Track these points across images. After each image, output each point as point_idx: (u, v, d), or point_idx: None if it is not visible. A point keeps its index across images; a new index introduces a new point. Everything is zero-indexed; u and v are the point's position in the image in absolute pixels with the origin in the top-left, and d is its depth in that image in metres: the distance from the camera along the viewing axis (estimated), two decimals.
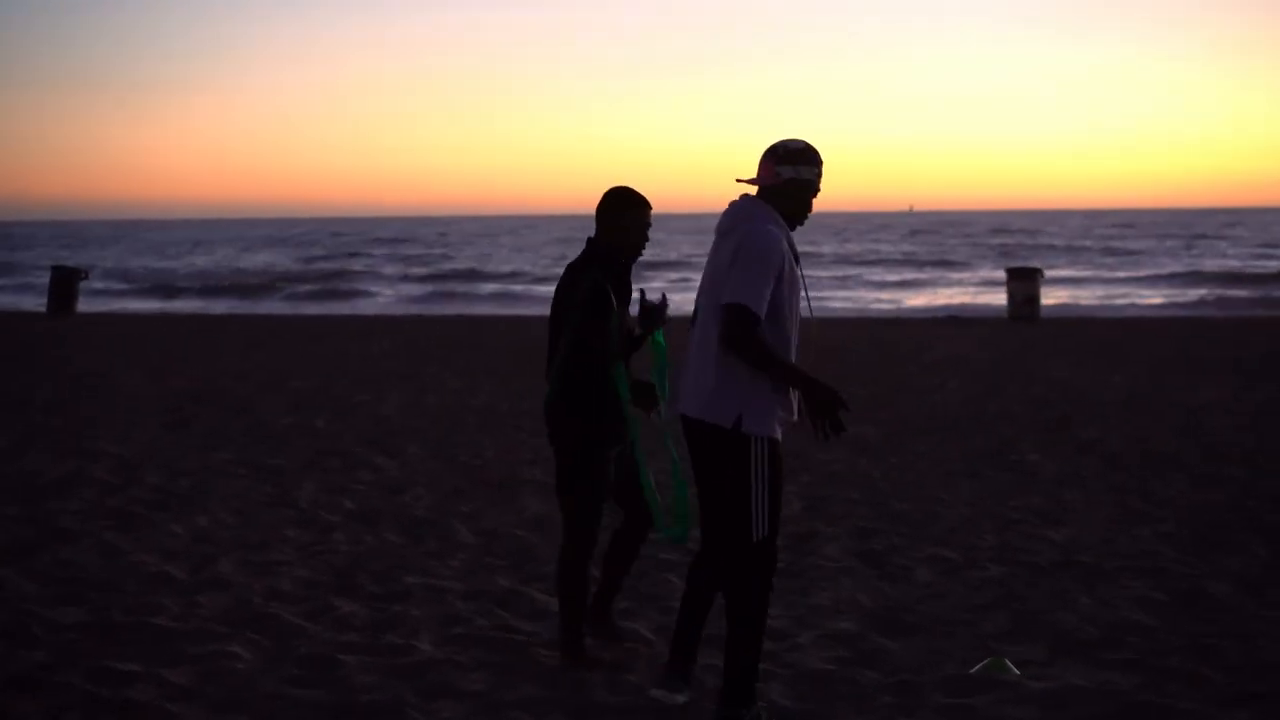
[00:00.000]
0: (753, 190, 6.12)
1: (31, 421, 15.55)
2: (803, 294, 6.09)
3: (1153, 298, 47.38)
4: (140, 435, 14.67)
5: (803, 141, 6.05)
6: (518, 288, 56.26)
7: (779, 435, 6.00)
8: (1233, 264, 64.45)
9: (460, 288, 56.61)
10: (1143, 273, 59.94)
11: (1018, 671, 6.96)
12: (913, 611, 8.10)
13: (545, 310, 42.96)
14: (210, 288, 58.78)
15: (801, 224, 6.13)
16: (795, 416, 6.09)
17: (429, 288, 57.03)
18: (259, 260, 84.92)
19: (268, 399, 17.87)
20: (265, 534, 10.02)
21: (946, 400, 17.61)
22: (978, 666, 7.01)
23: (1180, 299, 45.95)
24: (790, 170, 6.01)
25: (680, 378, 6.14)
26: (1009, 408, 16.79)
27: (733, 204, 6.08)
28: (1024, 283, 34.26)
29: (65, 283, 37.73)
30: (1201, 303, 44.26)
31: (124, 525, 10.25)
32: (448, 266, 72.01)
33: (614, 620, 7.46)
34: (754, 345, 5.80)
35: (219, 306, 47.84)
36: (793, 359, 6.04)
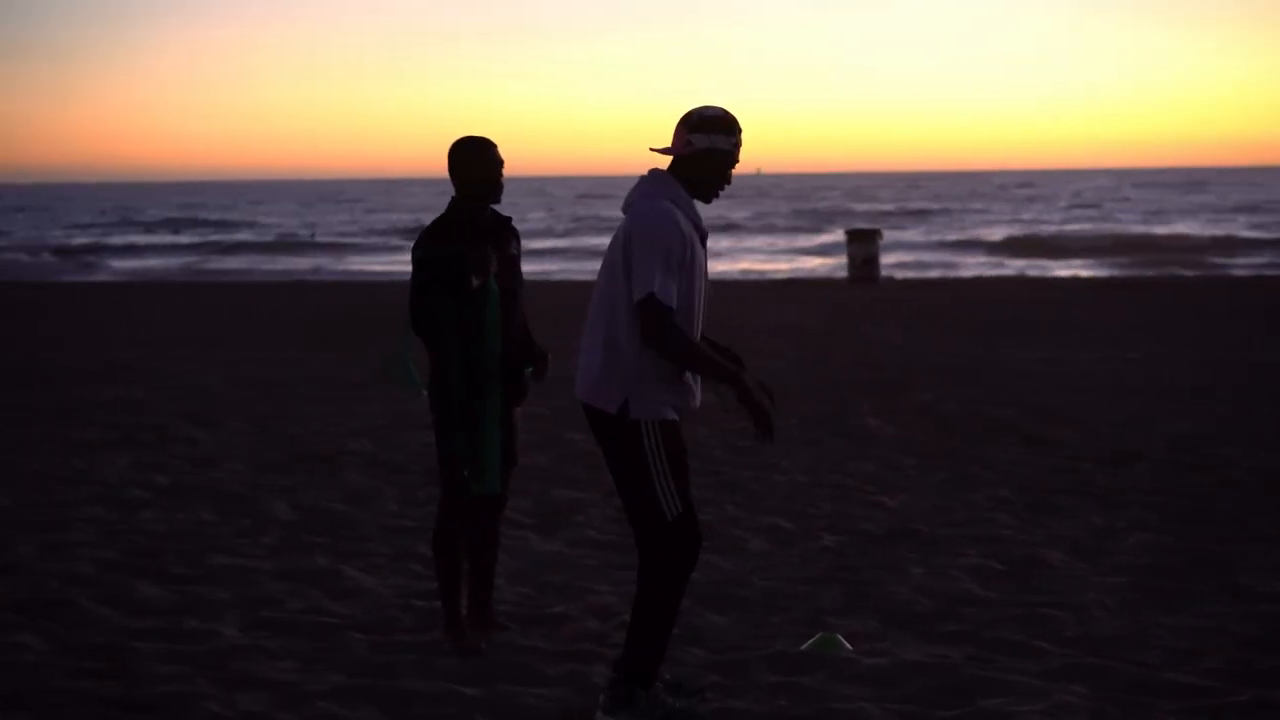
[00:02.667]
0: (665, 160, 5.77)
1: None
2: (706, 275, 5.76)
3: (981, 258, 47.93)
4: None
5: (719, 109, 5.67)
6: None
7: (673, 416, 5.66)
8: (1047, 228, 65.75)
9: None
10: (976, 235, 60.68)
11: (850, 647, 6.73)
12: (745, 585, 7.85)
13: (367, 275, 42.26)
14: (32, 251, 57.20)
15: (716, 197, 5.77)
16: (696, 403, 5.76)
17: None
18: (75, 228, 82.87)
19: (83, 370, 17.18)
20: (68, 513, 9.50)
21: (784, 366, 17.45)
22: (808, 643, 6.76)
23: (1013, 263, 46.53)
24: (703, 139, 5.62)
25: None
26: (847, 372, 16.67)
27: (641, 178, 5.73)
28: (863, 244, 34.36)
29: None
30: (1031, 264, 44.89)
31: None
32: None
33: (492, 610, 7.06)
34: (673, 341, 5.47)
35: (36, 275, 46.39)
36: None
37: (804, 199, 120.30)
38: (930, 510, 9.67)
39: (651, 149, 5.72)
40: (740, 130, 5.70)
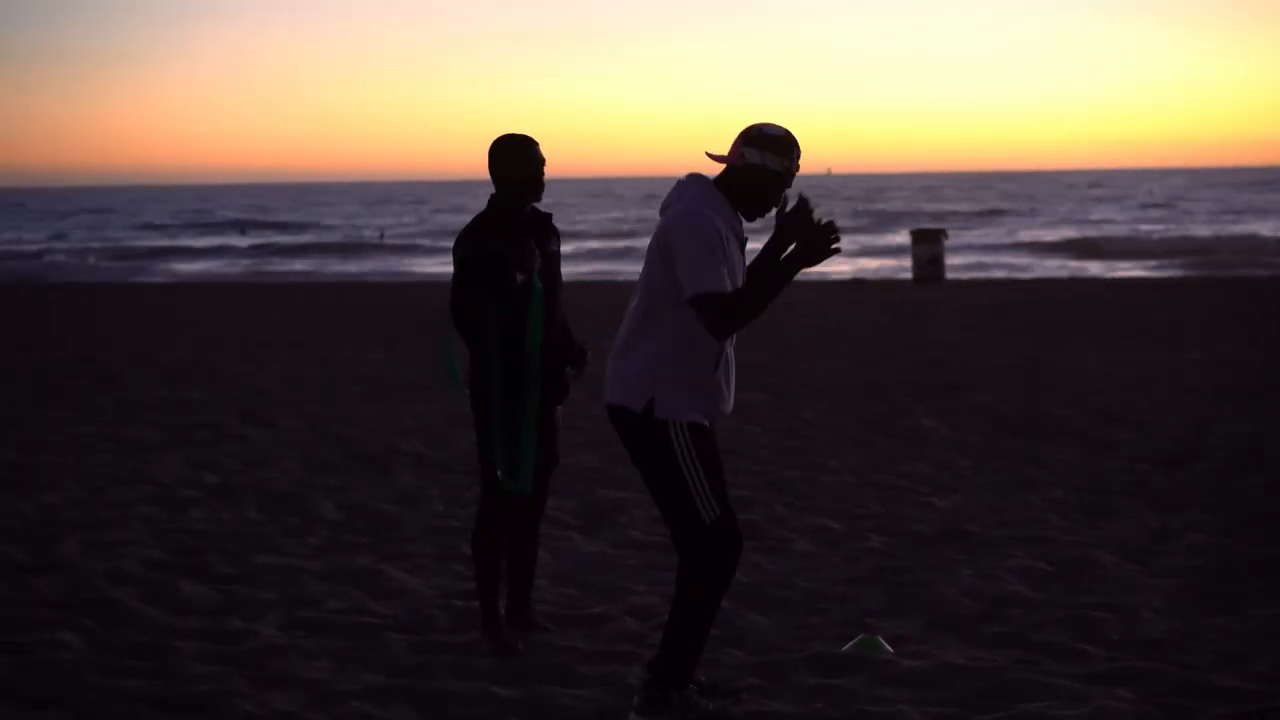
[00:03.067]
0: (717, 169, 5.71)
1: None
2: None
3: (1051, 260, 47.52)
4: (2, 410, 14.09)
5: (782, 129, 5.59)
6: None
7: (701, 420, 5.59)
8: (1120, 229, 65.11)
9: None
10: (1042, 235, 60.18)
11: (890, 649, 6.64)
12: (787, 586, 7.77)
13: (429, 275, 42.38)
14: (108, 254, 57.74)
15: (761, 216, 5.72)
16: (728, 408, 5.70)
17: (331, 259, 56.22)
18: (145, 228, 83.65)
19: (140, 370, 17.29)
20: (118, 512, 9.54)
21: (841, 365, 17.33)
22: (849, 645, 6.68)
23: (1082, 264, 46.10)
24: (755, 155, 5.54)
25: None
26: (904, 372, 16.53)
27: (679, 180, 5.68)
28: (927, 245, 34.13)
29: None
30: (1096, 265, 44.45)
31: None
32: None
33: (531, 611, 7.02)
34: (735, 315, 5.40)
35: (100, 276, 46.80)
36: (725, 356, 5.62)
37: (871, 199, 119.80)
38: (982, 511, 9.55)
39: (708, 154, 5.66)
40: (798, 155, 5.62)
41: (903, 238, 59.68)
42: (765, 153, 5.58)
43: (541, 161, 6.61)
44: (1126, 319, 22.95)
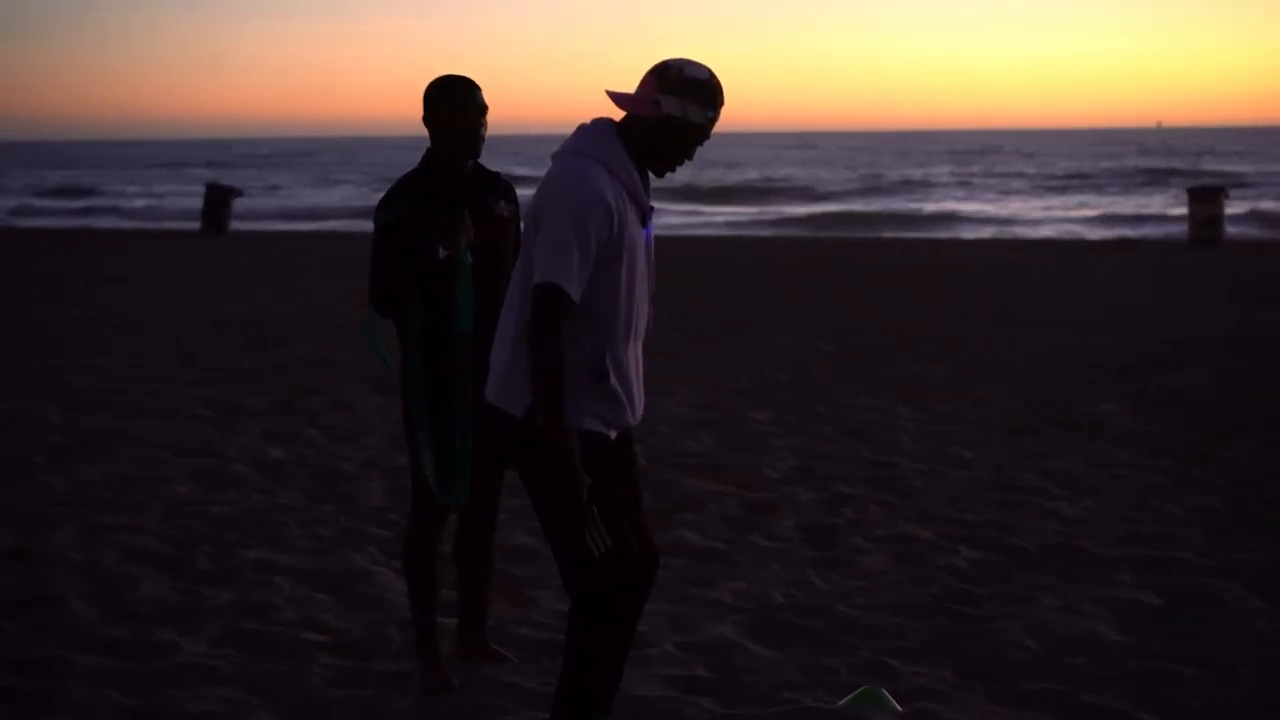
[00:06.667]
0: (618, 114, 4.56)
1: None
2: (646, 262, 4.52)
3: None
4: (125, 368, 13.64)
5: (706, 70, 4.39)
6: None
7: (598, 429, 4.43)
8: None
9: None
10: None
11: (899, 709, 5.40)
12: (823, 612, 6.55)
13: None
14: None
15: (671, 171, 4.54)
16: (632, 418, 4.52)
17: None
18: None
19: (301, 328, 16.73)
20: (148, 491, 8.81)
21: (1045, 337, 15.75)
22: (846, 699, 5.47)
23: None
24: (674, 104, 4.35)
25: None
26: (1106, 345, 14.89)
27: (579, 126, 4.52)
28: (1205, 204, 31.72)
29: (220, 202, 37.48)
30: None
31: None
32: None
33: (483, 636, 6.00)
34: (542, 347, 4.24)
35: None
36: (630, 353, 4.47)
37: (1185, 154, 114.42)
38: (1111, 521, 8.13)
39: (609, 93, 4.48)
40: (722, 103, 4.41)
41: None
42: (688, 102, 4.38)
43: (482, 109, 5.51)
44: None
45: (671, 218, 51.56)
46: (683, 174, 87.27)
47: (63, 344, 15.25)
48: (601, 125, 4.45)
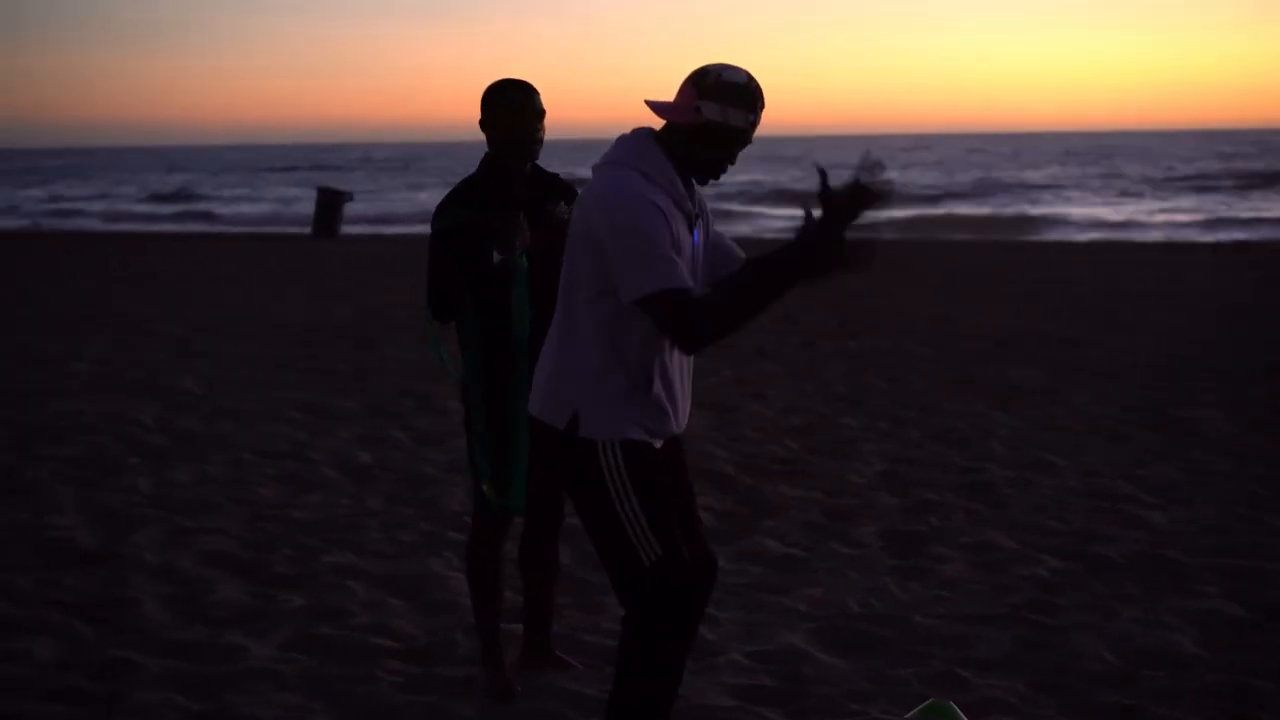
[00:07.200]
0: (658, 123, 4.49)
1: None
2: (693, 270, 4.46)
3: None
4: (242, 369, 13.77)
5: (744, 73, 4.33)
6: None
7: (642, 438, 4.40)
8: None
9: None
10: None
11: (965, 719, 5.30)
12: (899, 621, 6.45)
13: None
14: None
15: (716, 179, 4.48)
16: (676, 426, 4.47)
17: None
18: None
19: (397, 334, 16.81)
20: (236, 492, 8.88)
21: (1151, 342, 15.46)
22: (912, 712, 5.36)
23: None
24: (715, 109, 4.30)
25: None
26: (1212, 352, 14.59)
27: (619, 137, 4.48)
28: None
29: (331, 205, 37.85)
30: None
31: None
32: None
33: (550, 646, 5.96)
34: (710, 321, 4.19)
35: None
36: (675, 360, 4.41)
37: None
38: (1203, 531, 7.95)
39: (648, 102, 4.42)
40: (762, 106, 4.33)
41: None
42: (728, 107, 4.31)
43: (540, 113, 5.47)
44: None
45: (773, 221, 51.37)
46: (790, 176, 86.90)
47: (167, 344, 15.45)
48: (641, 135, 4.39)
